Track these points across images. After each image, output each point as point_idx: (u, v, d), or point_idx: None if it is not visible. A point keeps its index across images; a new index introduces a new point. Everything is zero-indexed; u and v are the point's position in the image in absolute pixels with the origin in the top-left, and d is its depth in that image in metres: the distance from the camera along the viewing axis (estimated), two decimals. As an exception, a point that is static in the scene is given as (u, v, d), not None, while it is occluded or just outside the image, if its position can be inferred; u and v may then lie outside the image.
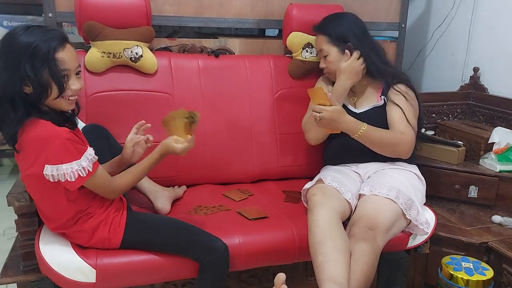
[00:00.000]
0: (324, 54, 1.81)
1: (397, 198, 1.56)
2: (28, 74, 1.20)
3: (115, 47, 1.78)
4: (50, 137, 1.23)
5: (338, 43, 1.78)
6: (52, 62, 1.23)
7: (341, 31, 1.78)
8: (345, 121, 1.62)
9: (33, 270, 1.46)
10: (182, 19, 2.01)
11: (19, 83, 1.21)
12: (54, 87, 1.24)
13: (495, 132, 2.03)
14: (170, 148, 1.40)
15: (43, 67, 1.21)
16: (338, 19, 1.83)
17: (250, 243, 1.51)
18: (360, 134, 1.64)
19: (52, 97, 1.25)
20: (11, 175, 3.21)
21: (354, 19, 1.83)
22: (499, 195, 1.94)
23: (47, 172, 1.24)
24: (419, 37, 2.83)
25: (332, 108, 1.58)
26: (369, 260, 1.42)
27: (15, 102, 1.23)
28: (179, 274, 1.48)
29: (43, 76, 1.22)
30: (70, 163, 1.24)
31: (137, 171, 1.42)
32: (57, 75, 1.24)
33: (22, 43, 1.20)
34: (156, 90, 1.87)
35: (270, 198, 1.83)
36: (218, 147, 1.91)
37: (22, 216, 1.45)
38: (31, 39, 1.21)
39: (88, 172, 1.28)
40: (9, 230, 2.32)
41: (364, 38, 1.79)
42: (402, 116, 1.70)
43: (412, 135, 1.69)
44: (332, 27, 1.80)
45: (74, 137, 1.27)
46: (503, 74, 2.30)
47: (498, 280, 1.67)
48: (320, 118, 1.59)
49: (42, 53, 1.21)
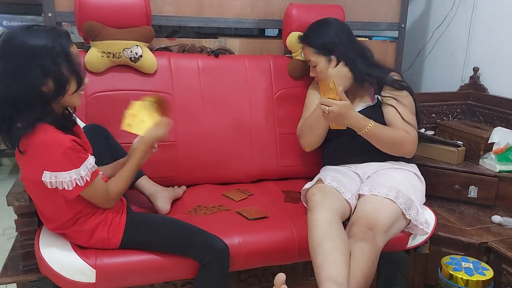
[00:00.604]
0: (313, 65, 1.83)
1: (396, 198, 1.56)
2: (50, 72, 1.22)
3: (114, 47, 1.78)
4: (52, 145, 1.24)
5: (324, 53, 1.78)
6: (70, 57, 1.26)
7: (325, 41, 1.78)
8: (352, 117, 1.62)
9: (33, 270, 1.46)
10: (182, 19, 2.01)
11: (40, 82, 1.22)
12: (72, 82, 1.27)
13: (495, 132, 2.03)
14: (150, 138, 1.40)
15: (62, 63, 1.24)
16: (321, 28, 1.82)
17: (249, 243, 1.51)
18: (366, 131, 1.65)
19: (70, 92, 1.28)
20: (10, 175, 3.21)
21: (337, 26, 1.82)
22: (498, 195, 1.94)
23: (45, 179, 1.24)
24: (419, 37, 2.83)
25: (341, 102, 1.59)
26: (369, 260, 1.42)
27: (32, 102, 1.23)
28: (179, 274, 1.48)
29: (64, 72, 1.25)
30: (69, 171, 1.25)
31: (126, 174, 1.41)
32: (76, 69, 1.27)
33: (36, 44, 1.21)
34: (156, 90, 1.86)
35: (270, 198, 1.83)
36: (218, 147, 1.91)
37: (21, 216, 1.45)
38: (43, 40, 1.22)
39: (86, 182, 1.28)
40: (8, 230, 2.32)
41: (349, 44, 1.79)
42: (399, 116, 1.71)
43: (415, 134, 1.72)
44: (316, 38, 1.80)
45: (76, 146, 1.27)
46: (503, 74, 2.30)
47: (498, 280, 1.67)
48: (328, 111, 1.59)
49: (60, 50, 1.23)
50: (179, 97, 1.89)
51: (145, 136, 1.41)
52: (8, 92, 1.21)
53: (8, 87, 1.21)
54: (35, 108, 1.23)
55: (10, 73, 1.21)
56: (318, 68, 1.80)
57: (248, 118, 1.98)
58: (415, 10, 2.81)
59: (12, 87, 1.21)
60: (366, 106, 1.79)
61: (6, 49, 1.22)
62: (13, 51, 1.21)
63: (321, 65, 1.80)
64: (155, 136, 1.41)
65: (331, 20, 1.85)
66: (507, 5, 2.27)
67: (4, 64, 1.21)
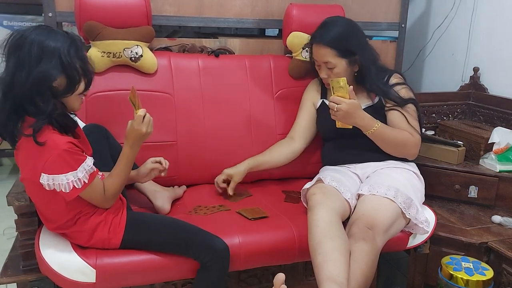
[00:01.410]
0: (331, 67, 1.74)
1: (395, 197, 1.56)
2: (66, 67, 1.24)
3: (115, 47, 1.78)
4: (48, 147, 1.23)
5: (346, 55, 1.72)
6: (84, 59, 1.30)
7: (350, 45, 1.72)
8: (360, 116, 1.63)
9: (33, 270, 1.46)
10: (182, 19, 2.01)
11: (54, 75, 1.23)
12: (82, 82, 1.30)
13: (495, 132, 2.03)
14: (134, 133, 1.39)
15: (77, 62, 1.27)
16: (343, 31, 1.74)
17: (250, 243, 1.51)
18: (373, 131, 1.65)
19: (78, 92, 1.30)
20: (11, 175, 3.21)
21: (357, 28, 1.78)
22: (499, 195, 1.94)
23: (43, 181, 1.25)
24: (419, 37, 2.83)
25: (350, 101, 1.59)
26: (369, 260, 1.42)
27: (44, 94, 1.23)
28: (179, 274, 1.48)
29: (78, 70, 1.27)
30: (66, 174, 1.25)
31: (123, 173, 1.41)
32: (88, 70, 1.32)
33: (55, 41, 1.24)
34: (156, 90, 1.87)
35: (270, 198, 1.83)
36: (218, 147, 1.91)
37: (22, 216, 1.45)
38: (61, 39, 1.25)
39: (84, 184, 1.28)
40: (9, 230, 2.32)
41: (366, 46, 1.78)
42: (404, 119, 1.71)
43: (419, 137, 1.73)
44: (339, 41, 1.72)
45: (73, 148, 1.27)
46: (503, 74, 2.30)
47: (498, 280, 1.67)
48: (337, 109, 1.59)
49: (75, 51, 1.27)
50: (179, 97, 1.89)
51: (126, 133, 1.41)
52: (21, 82, 1.21)
53: (21, 77, 1.21)
54: (48, 100, 1.24)
55: (23, 63, 1.21)
56: (337, 70, 1.73)
57: (248, 118, 1.98)
58: (415, 10, 2.81)
59: (25, 78, 1.21)
60: (367, 106, 1.79)
61: (21, 42, 1.23)
62: (30, 43, 1.22)
63: (341, 67, 1.74)
64: (132, 129, 1.39)
65: (350, 22, 1.79)
66: (507, 5, 2.27)
67: (18, 55, 1.22)
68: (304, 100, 1.96)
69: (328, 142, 1.89)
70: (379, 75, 1.79)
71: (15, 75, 1.22)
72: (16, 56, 1.22)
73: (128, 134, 1.40)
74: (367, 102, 1.80)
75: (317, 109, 1.92)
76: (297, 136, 1.91)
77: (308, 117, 1.93)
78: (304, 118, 1.93)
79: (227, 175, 1.80)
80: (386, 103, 1.77)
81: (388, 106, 1.76)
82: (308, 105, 1.94)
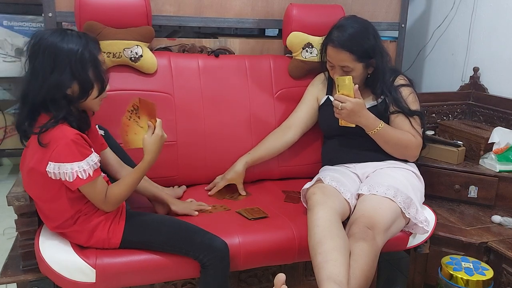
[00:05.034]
0: (348, 70, 1.70)
1: (395, 197, 1.56)
2: (77, 76, 1.28)
3: (115, 47, 1.78)
4: (58, 138, 1.28)
5: (364, 60, 1.70)
6: (97, 64, 1.32)
7: (368, 49, 1.69)
8: (364, 115, 1.63)
9: (33, 270, 1.46)
10: (182, 19, 2.01)
11: (67, 84, 1.28)
12: (95, 88, 1.33)
13: (495, 132, 2.03)
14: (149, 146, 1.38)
15: (90, 68, 1.30)
16: (361, 34, 1.69)
17: (250, 243, 1.51)
18: (376, 131, 1.65)
19: (92, 97, 1.33)
20: (10, 175, 3.21)
21: (373, 29, 1.74)
22: (499, 195, 1.94)
23: (49, 169, 1.27)
24: (419, 37, 2.83)
25: (355, 100, 1.59)
26: (369, 260, 1.42)
27: (59, 102, 1.28)
28: (179, 274, 1.48)
29: (90, 78, 1.31)
30: (71, 163, 1.27)
31: (133, 185, 1.40)
32: (101, 76, 1.34)
33: (67, 48, 1.27)
34: (156, 90, 1.87)
35: (270, 198, 1.83)
36: (218, 147, 1.91)
37: (22, 216, 1.45)
38: (74, 44, 1.28)
39: (88, 176, 1.29)
40: (9, 230, 2.32)
41: (382, 49, 1.75)
42: (408, 122, 1.72)
43: (421, 140, 1.73)
44: (358, 45, 1.67)
45: (80, 140, 1.30)
46: (503, 74, 2.30)
47: (498, 280, 1.67)
48: (342, 107, 1.59)
49: (89, 56, 1.30)
50: (179, 97, 1.89)
51: (144, 148, 1.39)
52: (35, 91, 1.27)
53: (35, 87, 1.27)
54: (62, 107, 1.29)
55: (37, 73, 1.27)
56: (354, 73, 1.69)
57: (248, 118, 1.97)
58: (415, 10, 2.81)
59: (39, 87, 1.27)
60: (371, 106, 1.78)
61: (36, 49, 1.28)
62: (43, 52, 1.27)
63: (358, 71, 1.71)
64: (152, 142, 1.38)
65: (367, 25, 1.73)
66: (507, 5, 2.27)
67: (33, 63, 1.28)
68: (308, 93, 1.95)
69: (330, 140, 1.89)
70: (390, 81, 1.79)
71: (30, 83, 1.28)
72: (32, 65, 1.29)
73: (148, 148, 1.38)
74: (371, 102, 1.79)
75: (321, 105, 1.92)
76: (293, 125, 1.91)
77: (308, 110, 1.92)
78: (304, 110, 1.92)
79: (228, 180, 1.81)
80: (390, 105, 1.76)
81: (393, 109, 1.75)
82: (311, 99, 1.93)
